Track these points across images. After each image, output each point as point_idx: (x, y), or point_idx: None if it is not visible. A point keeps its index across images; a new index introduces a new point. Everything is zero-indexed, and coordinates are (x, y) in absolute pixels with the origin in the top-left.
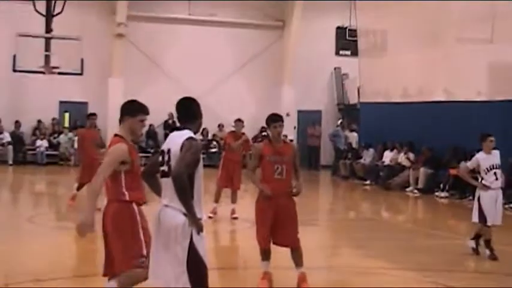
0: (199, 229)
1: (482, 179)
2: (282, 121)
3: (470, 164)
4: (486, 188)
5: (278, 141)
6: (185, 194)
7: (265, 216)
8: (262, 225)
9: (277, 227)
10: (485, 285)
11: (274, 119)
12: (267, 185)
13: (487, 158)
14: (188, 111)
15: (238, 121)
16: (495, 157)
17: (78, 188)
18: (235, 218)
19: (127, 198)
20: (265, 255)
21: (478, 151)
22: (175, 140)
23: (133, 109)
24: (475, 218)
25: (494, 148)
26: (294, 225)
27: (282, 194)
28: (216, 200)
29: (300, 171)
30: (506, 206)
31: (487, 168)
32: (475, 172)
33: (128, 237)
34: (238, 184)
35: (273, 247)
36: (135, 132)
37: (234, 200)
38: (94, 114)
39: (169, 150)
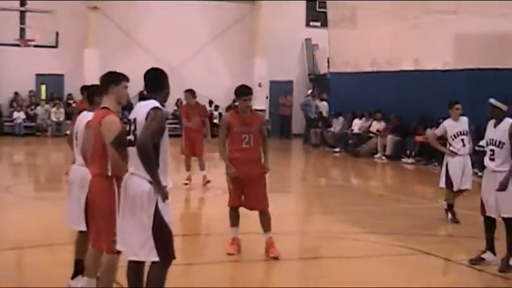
0: (164, 197)
1: (450, 145)
2: (251, 94)
3: (438, 131)
4: (453, 154)
5: (245, 112)
6: (150, 162)
7: (235, 182)
8: (234, 190)
9: (246, 192)
10: (450, 248)
11: (243, 91)
12: (236, 154)
13: (455, 125)
14: (155, 81)
15: (188, 92)
16: (463, 124)
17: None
18: (208, 182)
19: (109, 173)
20: (235, 220)
21: (445, 118)
22: (141, 110)
23: (116, 77)
24: (442, 183)
25: (462, 115)
26: (261, 189)
27: (250, 162)
28: (188, 168)
29: (267, 142)
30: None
31: (454, 135)
32: (443, 139)
33: (107, 215)
34: (200, 152)
35: (242, 214)
36: (122, 100)
37: (201, 167)
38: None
39: (135, 120)
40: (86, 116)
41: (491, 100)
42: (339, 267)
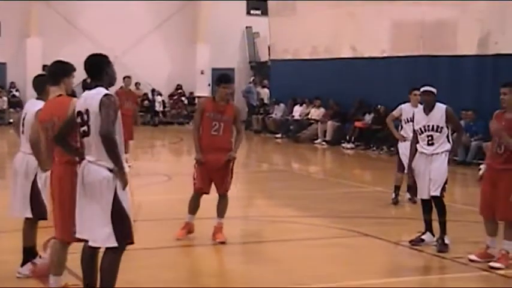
0: (125, 184)
1: (401, 128)
2: (233, 83)
3: (395, 112)
4: (403, 138)
5: (223, 100)
6: (116, 151)
7: (202, 167)
8: (200, 175)
9: (214, 179)
10: (390, 230)
11: (225, 79)
12: (204, 140)
13: (409, 110)
14: (95, 67)
15: (128, 78)
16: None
17: None
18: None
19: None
20: (194, 207)
21: (403, 103)
22: (92, 99)
23: (68, 69)
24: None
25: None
26: (225, 175)
27: (216, 150)
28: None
29: (241, 133)
30: None
31: (407, 119)
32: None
33: (70, 205)
34: (128, 135)
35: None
36: (69, 90)
37: (126, 150)
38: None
39: (87, 110)
40: (34, 104)
41: (430, 88)
42: (282, 251)
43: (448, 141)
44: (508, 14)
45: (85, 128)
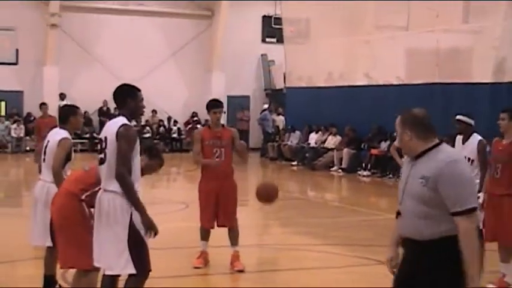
0: (148, 226)
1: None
2: (222, 107)
3: (396, 142)
4: None
5: (217, 126)
6: (130, 192)
7: (208, 199)
8: (206, 207)
9: (218, 208)
10: None
11: (214, 104)
12: (208, 168)
13: None
14: (118, 97)
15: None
16: None
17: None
18: None
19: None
20: (205, 235)
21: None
22: (111, 128)
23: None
24: None
25: None
26: (233, 206)
27: (221, 176)
28: None
29: (244, 151)
30: None
31: None
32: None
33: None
34: None
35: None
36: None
37: None
38: (45, 104)
39: (106, 138)
40: (57, 133)
41: (459, 116)
42: (297, 279)
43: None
44: None
45: (102, 155)
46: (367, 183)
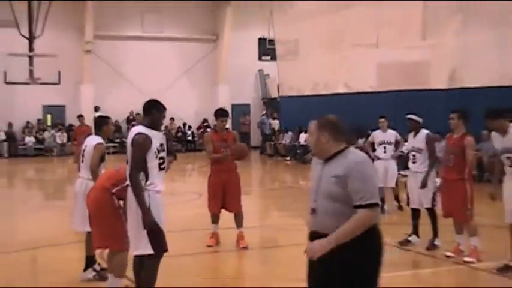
0: (147, 220)
1: (374, 151)
2: (228, 116)
3: (370, 139)
4: (376, 158)
5: (223, 130)
6: (136, 190)
7: (215, 189)
8: (214, 196)
9: (225, 196)
10: (384, 234)
11: (221, 114)
12: (216, 164)
13: (380, 135)
14: (147, 107)
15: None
16: (388, 135)
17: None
18: None
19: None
20: (215, 219)
21: (375, 129)
22: (130, 136)
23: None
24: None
25: (391, 128)
26: (237, 194)
27: (227, 170)
28: None
29: (239, 150)
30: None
31: (378, 143)
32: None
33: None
34: None
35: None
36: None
37: None
38: (81, 116)
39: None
40: (93, 139)
41: (410, 115)
42: (293, 253)
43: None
44: (471, 54)
45: (127, 157)
46: None
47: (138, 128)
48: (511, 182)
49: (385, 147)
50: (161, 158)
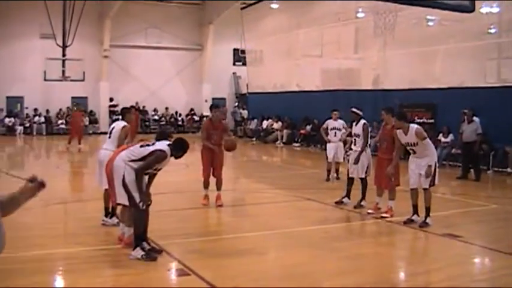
0: (140, 201)
1: (327, 135)
2: (219, 108)
3: (324, 125)
4: (328, 140)
5: (216, 121)
6: (138, 178)
7: (206, 162)
8: (205, 167)
9: (212, 167)
10: (321, 196)
11: (215, 106)
12: (209, 143)
13: (332, 123)
14: (178, 142)
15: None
16: (338, 123)
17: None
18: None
19: None
20: (206, 185)
21: (329, 118)
22: (158, 143)
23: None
24: (330, 159)
25: (340, 118)
26: (221, 166)
27: (215, 149)
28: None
29: (231, 135)
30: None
31: (330, 129)
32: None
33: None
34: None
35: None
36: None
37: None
38: (77, 104)
39: (152, 144)
40: (120, 123)
41: (353, 108)
42: (257, 209)
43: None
44: (389, 65)
45: (144, 147)
46: (298, 151)
47: (165, 146)
48: (412, 163)
49: (335, 133)
50: (155, 169)
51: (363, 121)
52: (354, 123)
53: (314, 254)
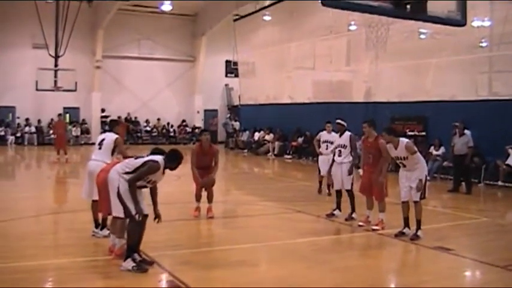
0: (136, 212)
1: (320, 147)
2: (209, 132)
3: (317, 137)
4: (320, 153)
5: (206, 145)
6: (131, 189)
7: (197, 180)
8: (197, 183)
9: (203, 186)
10: (312, 208)
11: (204, 130)
12: (199, 170)
13: (324, 136)
14: (172, 153)
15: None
16: (331, 136)
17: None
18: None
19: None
20: (198, 197)
21: (322, 130)
22: (151, 157)
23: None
24: (323, 172)
25: (333, 131)
26: (212, 185)
27: (206, 174)
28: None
29: (217, 165)
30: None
31: (322, 141)
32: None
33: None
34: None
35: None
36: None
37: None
38: (60, 114)
39: (146, 156)
40: (111, 134)
41: (338, 120)
42: (247, 221)
43: (351, 155)
44: (380, 78)
45: (137, 159)
46: (289, 163)
47: (161, 158)
48: (402, 177)
49: (327, 146)
50: (149, 181)
51: (348, 133)
52: (338, 135)
53: (305, 266)
